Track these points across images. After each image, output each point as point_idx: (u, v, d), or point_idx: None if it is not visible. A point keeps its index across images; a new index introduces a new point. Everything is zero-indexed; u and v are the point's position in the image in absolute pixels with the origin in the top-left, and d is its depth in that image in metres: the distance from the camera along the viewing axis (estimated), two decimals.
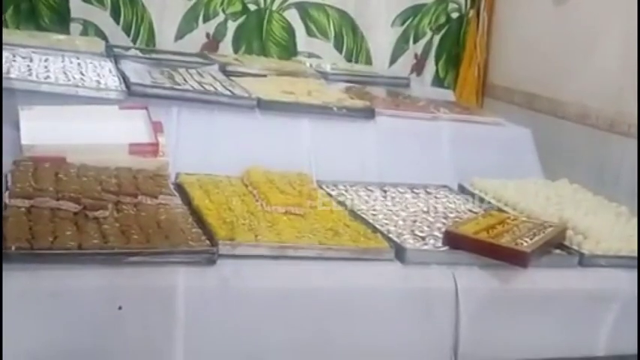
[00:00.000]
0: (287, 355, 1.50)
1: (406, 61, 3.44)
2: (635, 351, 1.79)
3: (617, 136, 2.59)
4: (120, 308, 1.40)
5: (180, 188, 1.86)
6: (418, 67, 3.48)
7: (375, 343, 1.58)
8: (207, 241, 1.53)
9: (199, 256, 1.48)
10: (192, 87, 2.31)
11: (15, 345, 1.32)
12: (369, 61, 3.38)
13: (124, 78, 2.28)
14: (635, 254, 1.83)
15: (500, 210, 2.02)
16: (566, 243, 1.84)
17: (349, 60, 3.35)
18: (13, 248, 1.35)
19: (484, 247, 1.68)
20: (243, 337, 1.48)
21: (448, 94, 3.21)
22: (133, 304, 1.41)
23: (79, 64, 2.40)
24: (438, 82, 3.50)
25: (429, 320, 1.65)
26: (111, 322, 1.40)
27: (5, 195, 1.58)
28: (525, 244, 1.71)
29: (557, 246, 1.83)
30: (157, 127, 1.99)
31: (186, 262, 1.47)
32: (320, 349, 1.53)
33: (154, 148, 1.93)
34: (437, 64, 3.50)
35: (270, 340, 1.50)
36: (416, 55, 3.46)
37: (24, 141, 1.84)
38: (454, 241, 1.72)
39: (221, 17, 3.15)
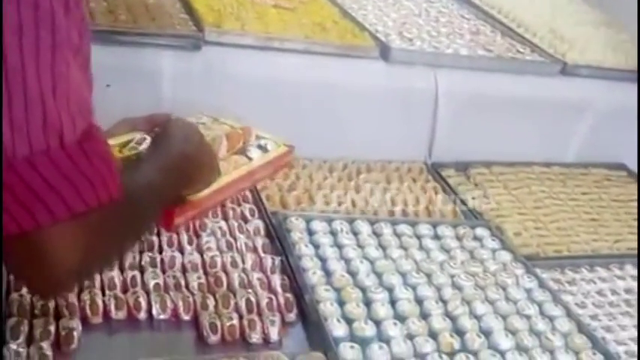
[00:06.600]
0: None
1: None
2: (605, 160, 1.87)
3: None
4: (108, 86, 1.45)
5: None
6: None
7: (353, 135, 1.65)
8: (194, 27, 1.55)
9: (185, 40, 1.51)
10: None
11: None
12: None
13: None
14: (620, 66, 1.85)
15: (492, 17, 2.01)
16: (551, 52, 1.85)
17: None
18: None
19: None
20: None
21: None
22: (119, 83, 1.45)
23: None
24: None
25: (408, 117, 1.71)
26: (98, 97, 1.45)
27: None
28: None
29: (541, 54, 1.85)
30: None
31: (172, 46, 1.50)
32: (300, 137, 1.59)
33: None
34: None
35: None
36: None
37: None
38: None
39: None
